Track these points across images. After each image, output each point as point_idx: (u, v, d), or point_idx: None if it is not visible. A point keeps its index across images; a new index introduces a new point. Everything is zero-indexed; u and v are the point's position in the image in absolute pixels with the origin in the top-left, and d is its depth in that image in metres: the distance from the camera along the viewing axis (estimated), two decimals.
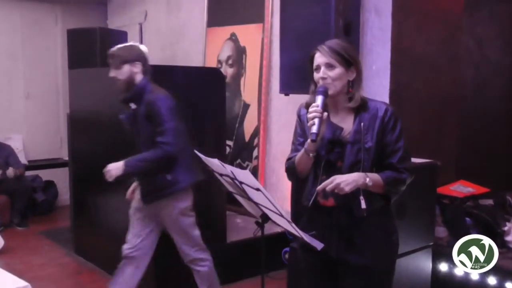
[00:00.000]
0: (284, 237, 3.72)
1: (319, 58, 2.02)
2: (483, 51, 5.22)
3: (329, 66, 2.01)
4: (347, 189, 1.90)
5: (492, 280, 3.19)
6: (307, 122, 1.94)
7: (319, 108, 1.91)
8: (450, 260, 3.43)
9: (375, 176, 1.98)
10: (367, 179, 1.94)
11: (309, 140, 1.95)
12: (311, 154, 1.98)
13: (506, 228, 3.47)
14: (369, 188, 1.96)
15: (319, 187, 1.95)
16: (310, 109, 1.92)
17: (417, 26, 3.97)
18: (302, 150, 2.01)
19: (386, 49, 3.79)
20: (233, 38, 5.09)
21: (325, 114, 1.92)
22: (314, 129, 1.88)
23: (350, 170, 1.99)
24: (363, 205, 1.96)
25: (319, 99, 1.94)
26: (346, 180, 1.91)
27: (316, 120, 1.88)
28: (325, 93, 1.96)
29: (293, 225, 1.91)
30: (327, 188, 1.91)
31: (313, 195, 2.04)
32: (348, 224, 2.02)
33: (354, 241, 2.03)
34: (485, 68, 5.26)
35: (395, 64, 3.80)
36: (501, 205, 3.81)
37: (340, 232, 2.04)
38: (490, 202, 3.81)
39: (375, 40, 3.84)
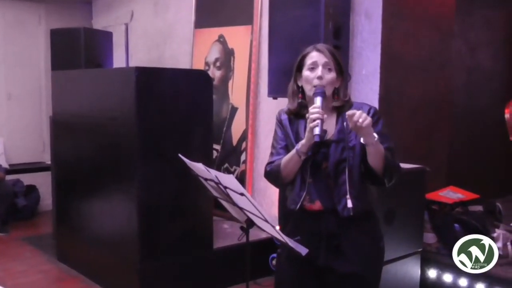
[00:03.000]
0: (271, 243, 3.78)
1: (318, 57, 2.07)
2: (475, 57, 5.33)
3: (328, 67, 2.07)
4: (365, 123, 1.89)
5: (480, 287, 3.27)
6: (308, 123, 1.97)
7: (321, 110, 1.96)
8: (439, 266, 3.52)
9: (380, 145, 1.99)
10: (376, 137, 1.95)
11: (303, 141, 2.01)
12: (302, 156, 2.03)
13: (495, 235, 3.55)
14: (371, 147, 1.96)
15: (349, 112, 1.90)
16: (312, 110, 1.96)
17: (407, 30, 4.05)
18: (293, 152, 2.05)
19: (376, 53, 3.86)
20: (221, 40, 5.15)
21: (325, 115, 1.98)
22: (317, 130, 1.93)
23: (336, 168, 2.05)
24: (350, 204, 2.02)
25: (318, 100, 2.00)
26: (365, 115, 1.91)
27: (319, 122, 1.94)
28: (323, 94, 2.02)
29: (278, 230, 1.97)
30: (357, 115, 1.89)
31: (301, 198, 2.09)
32: (335, 230, 2.07)
33: (342, 249, 2.08)
34: (477, 74, 5.37)
35: (385, 68, 3.87)
36: (491, 211, 3.90)
37: (328, 239, 2.08)
38: (479, 208, 3.89)
39: (365, 44, 3.91)
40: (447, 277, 3.45)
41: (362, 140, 1.98)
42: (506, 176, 5.13)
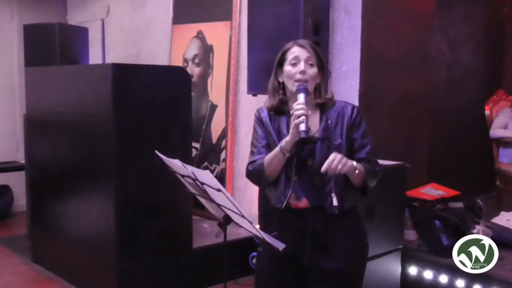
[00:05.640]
0: (251, 242, 3.82)
1: (300, 52, 2.11)
2: (455, 53, 5.42)
3: (310, 63, 2.11)
4: (344, 170, 1.96)
5: (460, 283, 3.34)
6: (292, 120, 2.01)
7: (305, 106, 2.00)
8: (419, 263, 3.59)
9: (360, 166, 2.06)
10: (358, 168, 2.02)
11: (287, 138, 2.04)
12: (287, 154, 2.06)
13: (475, 231, 3.63)
14: (353, 176, 2.04)
15: (324, 167, 1.95)
16: (296, 107, 2.00)
17: (387, 26, 4.11)
18: (276, 150, 2.08)
19: (356, 49, 3.92)
20: (200, 36, 5.16)
21: (309, 112, 2.02)
22: (303, 126, 1.98)
23: (322, 166, 2.09)
24: (335, 202, 2.07)
25: (302, 97, 2.04)
26: (346, 160, 1.96)
27: (304, 118, 1.98)
28: (306, 91, 2.07)
29: (255, 225, 2.00)
30: (334, 164, 1.94)
31: (286, 196, 2.12)
32: (321, 227, 2.11)
33: (328, 246, 2.12)
34: (458, 70, 5.47)
35: (365, 65, 3.93)
36: (471, 208, 3.98)
37: (314, 237, 2.12)
38: (460, 205, 3.97)
39: (344, 40, 3.96)
40: (428, 274, 3.53)
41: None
42: (487, 172, 5.23)
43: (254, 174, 2.17)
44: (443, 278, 3.43)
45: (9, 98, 6.64)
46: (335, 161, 1.95)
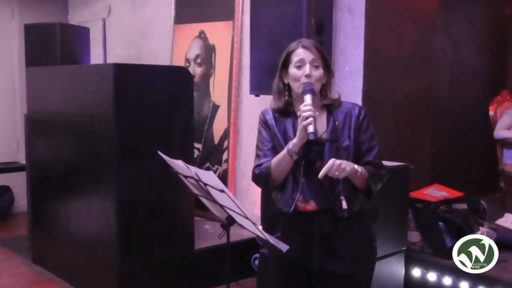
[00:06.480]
0: (254, 243, 3.80)
1: (304, 54, 2.09)
2: (458, 53, 5.40)
3: (315, 64, 2.09)
4: (343, 175, 1.96)
5: (464, 285, 3.33)
6: (300, 121, 1.99)
7: (312, 107, 1.99)
8: (423, 265, 3.58)
9: (362, 169, 2.06)
10: (359, 170, 2.02)
11: (294, 141, 2.02)
12: (294, 156, 2.04)
13: (479, 233, 3.61)
14: (355, 179, 2.04)
15: (322, 172, 1.95)
16: (304, 108, 1.99)
17: (390, 26, 4.10)
18: (283, 153, 2.06)
19: (359, 49, 3.90)
20: (202, 36, 5.15)
21: (317, 113, 2.01)
22: (312, 128, 1.96)
23: None
24: (345, 205, 2.05)
25: (309, 98, 2.02)
26: (344, 166, 1.96)
27: (312, 119, 1.97)
28: (312, 91, 2.05)
29: (258, 227, 1.99)
30: (332, 171, 1.94)
31: (294, 200, 2.10)
32: (329, 231, 2.09)
33: (336, 250, 2.11)
34: (460, 71, 5.45)
35: (368, 65, 3.91)
36: (475, 209, 3.97)
37: (321, 241, 2.10)
38: (464, 206, 3.96)
39: (347, 40, 3.95)
40: (431, 276, 3.51)
41: None
42: (491, 174, 5.21)
43: (261, 177, 2.15)
44: (447, 280, 3.42)
45: (9, 98, 6.64)
46: (333, 167, 1.94)
